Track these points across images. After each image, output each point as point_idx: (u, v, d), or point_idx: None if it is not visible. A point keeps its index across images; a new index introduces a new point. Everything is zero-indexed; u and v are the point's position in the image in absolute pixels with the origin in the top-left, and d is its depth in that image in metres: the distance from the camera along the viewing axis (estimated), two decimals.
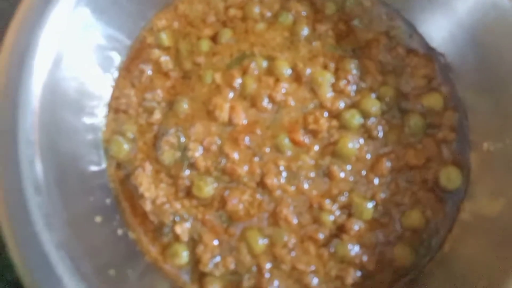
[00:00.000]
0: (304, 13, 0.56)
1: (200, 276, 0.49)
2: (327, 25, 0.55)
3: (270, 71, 0.53)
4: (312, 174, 0.51)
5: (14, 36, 0.41)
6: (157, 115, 0.52)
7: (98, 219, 0.46)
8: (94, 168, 0.49)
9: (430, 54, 0.55)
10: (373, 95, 0.53)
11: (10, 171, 0.38)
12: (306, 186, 0.50)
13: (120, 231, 0.48)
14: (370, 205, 0.50)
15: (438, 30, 0.54)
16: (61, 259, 0.38)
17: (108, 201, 0.49)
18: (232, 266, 0.48)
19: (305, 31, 0.55)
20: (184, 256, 0.49)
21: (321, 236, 0.49)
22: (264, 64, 0.53)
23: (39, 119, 0.41)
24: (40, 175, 0.39)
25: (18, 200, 0.38)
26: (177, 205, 0.49)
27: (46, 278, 0.37)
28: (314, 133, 0.51)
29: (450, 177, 0.51)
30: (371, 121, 0.52)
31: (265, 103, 0.52)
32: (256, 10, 0.55)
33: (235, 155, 0.50)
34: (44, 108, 0.41)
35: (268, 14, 0.55)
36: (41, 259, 0.37)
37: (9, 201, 0.38)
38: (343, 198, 0.50)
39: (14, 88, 0.40)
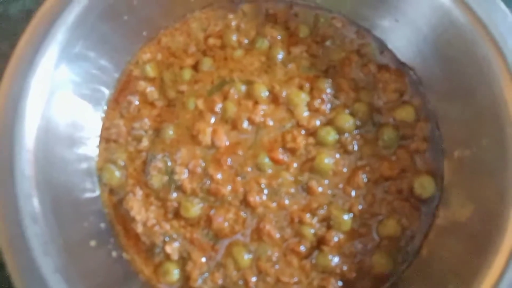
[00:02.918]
0: (279, 37, 0.58)
1: None
2: (301, 47, 0.58)
3: (249, 95, 0.56)
4: (292, 190, 0.53)
5: (9, 81, 0.45)
6: (145, 143, 0.55)
7: (92, 243, 0.48)
8: (88, 195, 0.52)
9: (401, 69, 0.58)
10: (347, 111, 0.55)
11: (9, 204, 0.41)
12: (287, 201, 0.53)
13: (114, 253, 0.51)
14: (348, 216, 0.52)
15: (407, 45, 0.57)
16: (58, 282, 0.41)
17: (102, 225, 0.52)
18: (220, 281, 0.51)
19: (280, 55, 0.58)
20: (175, 273, 0.52)
21: (302, 248, 0.52)
22: (243, 88, 0.56)
23: (34, 156, 0.44)
24: (37, 207, 0.43)
25: (17, 230, 0.41)
26: (167, 226, 0.52)
27: None
28: (292, 151, 0.54)
29: (424, 186, 0.53)
30: (346, 136, 0.54)
31: (245, 125, 0.55)
32: (234, 38, 0.58)
33: (219, 176, 0.53)
34: (38, 145, 0.44)
35: (245, 41, 0.58)
36: (40, 283, 0.40)
37: (9, 231, 0.41)
38: (322, 211, 0.52)
39: (10, 129, 0.43)
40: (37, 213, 0.42)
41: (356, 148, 0.54)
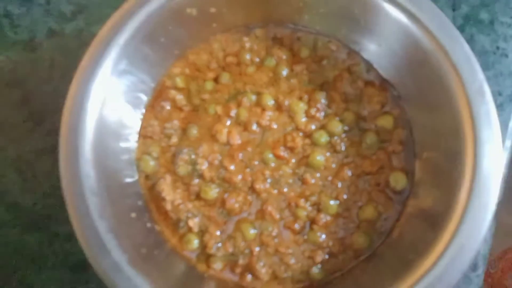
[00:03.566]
0: (284, 57, 0.63)
1: (206, 257, 0.58)
2: (302, 66, 0.62)
3: (258, 103, 0.61)
4: (290, 180, 0.59)
5: (75, 89, 0.54)
6: (174, 139, 0.61)
7: (133, 215, 0.56)
8: (129, 179, 0.61)
9: (384, 85, 0.64)
10: (337, 119, 0.60)
11: (75, 181, 0.50)
12: (285, 189, 0.59)
13: (149, 224, 0.59)
14: (334, 203, 0.58)
15: (388, 66, 0.63)
16: (110, 239, 0.49)
17: (140, 203, 0.59)
18: (230, 250, 0.57)
19: (285, 71, 0.62)
20: (195, 243, 0.58)
21: (297, 226, 0.58)
22: (254, 98, 0.61)
23: (92, 145, 0.52)
24: (94, 184, 0.50)
25: (81, 200, 0.49)
26: (190, 205, 0.59)
27: (101, 252, 0.48)
28: (291, 149, 0.59)
29: (398, 180, 0.59)
30: (336, 138, 0.60)
31: (254, 127, 0.60)
32: (247, 56, 0.63)
33: (232, 167, 0.59)
34: (95, 137, 0.52)
35: (257, 59, 0.63)
36: (97, 240, 0.49)
37: (75, 202, 0.49)
38: (314, 198, 0.58)
39: (76, 124, 0.52)
40: (94, 189, 0.50)
41: (343, 148, 0.60)
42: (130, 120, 0.63)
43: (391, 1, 0.56)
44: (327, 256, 0.58)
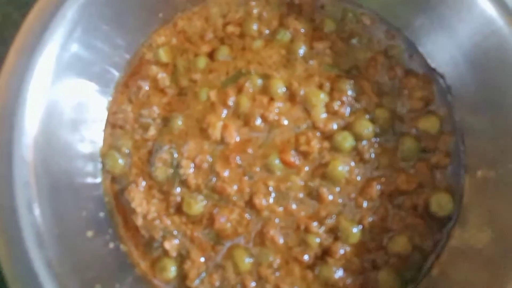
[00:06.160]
0: (302, 31, 0.56)
1: None
2: (325, 43, 0.55)
3: (265, 90, 0.54)
4: (301, 195, 0.52)
5: (15, 56, 0.43)
6: (152, 131, 0.54)
7: (90, 233, 0.47)
8: (90, 180, 0.51)
9: (429, 75, 0.55)
10: (367, 117, 0.53)
11: (5, 190, 0.40)
12: (294, 207, 0.51)
13: (112, 244, 0.50)
14: (357, 229, 0.50)
15: (439, 50, 0.54)
16: (49, 277, 0.40)
17: (101, 214, 0.51)
18: (217, 283, 0.50)
19: (302, 49, 0.55)
20: (172, 271, 0.51)
21: (306, 258, 0.50)
22: (259, 82, 0.54)
23: (34, 140, 0.43)
24: (34, 194, 0.41)
25: (11, 218, 0.40)
26: (167, 221, 0.51)
27: None
28: (305, 154, 0.52)
29: (441, 203, 0.51)
30: (364, 143, 0.52)
31: (258, 122, 0.53)
32: (254, 27, 0.56)
33: (226, 174, 0.52)
34: (40, 128, 0.43)
35: (266, 31, 0.56)
36: (30, 277, 0.39)
37: (2, 219, 0.40)
38: (330, 221, 0.51)
39: (11, 109, 0.42)
40: (34, 201, 0.41)
41: (373, 157, 0.52)
42: (95, 102, 0.53)
43: None
44: None
